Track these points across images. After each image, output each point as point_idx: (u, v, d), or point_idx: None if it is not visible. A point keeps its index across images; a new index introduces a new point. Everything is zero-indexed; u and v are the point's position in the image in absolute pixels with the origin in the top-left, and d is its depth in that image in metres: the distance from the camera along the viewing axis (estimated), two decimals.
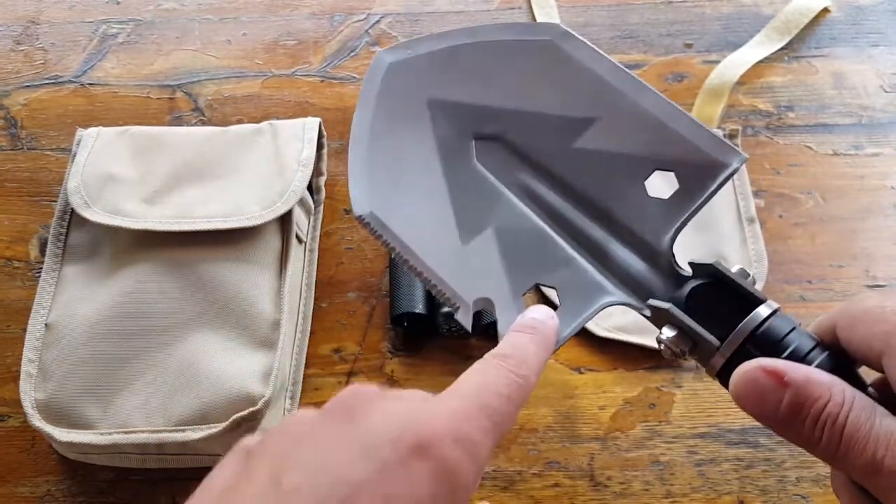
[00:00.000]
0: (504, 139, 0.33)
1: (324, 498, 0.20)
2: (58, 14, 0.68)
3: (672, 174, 0.30)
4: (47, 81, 0.64)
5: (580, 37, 0.32)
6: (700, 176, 0.29)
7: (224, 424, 0.43)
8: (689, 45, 0.65)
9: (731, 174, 0.29)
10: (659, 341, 0.28)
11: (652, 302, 0.29)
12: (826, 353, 0.26)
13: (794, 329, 0.27)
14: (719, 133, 0.58)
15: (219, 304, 0.48)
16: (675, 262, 0.30)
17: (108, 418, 0.45)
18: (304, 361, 0.51)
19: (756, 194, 0.56)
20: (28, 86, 0.64)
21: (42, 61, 0.66)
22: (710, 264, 0.28)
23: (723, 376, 0.28)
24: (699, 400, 0.49)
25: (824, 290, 0.53)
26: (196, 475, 0.46)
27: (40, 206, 0.58)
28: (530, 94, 0.32)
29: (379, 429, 0.22)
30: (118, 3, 0.69)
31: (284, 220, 0.51)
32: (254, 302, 0.48)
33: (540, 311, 0.29)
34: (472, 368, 0.26)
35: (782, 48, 0.64)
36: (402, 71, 0.35)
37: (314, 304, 0.53)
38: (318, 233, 0.55)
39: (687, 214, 0.29)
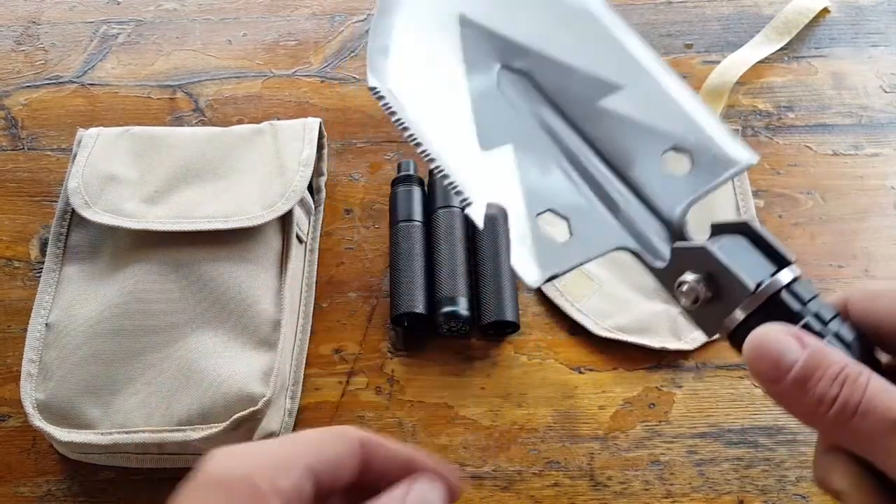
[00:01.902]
0: (531, 77, 0.33)
1: None
2: (58, 14, 0.69)
3: (687, 157, 0.30)
4: (48, 82, 0.64)
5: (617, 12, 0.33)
6: (712, 165, 0.30)
7: (225, 424, 0.43)
8: (689, 46, 0.65)
9: (741, 171, 0.30)
10: (680, 284, 0.27)
11: (680, 244, 0.28)
12: (847, 322, 0.26)
13: (816, 296, 0.26)
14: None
15: (219, 304, 0.48)
16: (688, 232, 0.29)
17: (109, 418, 0.45)
18: (304, 361, 0.51)
19: (756, 194, 0.56)
20: (29, 86, 0.64)
21: (43, 61, 0.66)
22: (744, 222, 0.28)
23: (735, 336, 0.27)
24: (699, 400, 0.49)
25: (824, 290, 0.52)
26: None
27: (41, 207, 0.58)
28: (565, 45, 0.32)
29: None
30: (119, 4, 0.69)
31: (285, 220, 0.51)
32: (254, 302, 0.48)
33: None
34: None
35: (782, 48, 0.64)
36: None
37: (314, 303, 0.53)
38: (318, 233, 0.56)
39: (697, 195, 0.30)
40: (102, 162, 0.52)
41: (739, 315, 0.26)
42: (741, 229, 0.28)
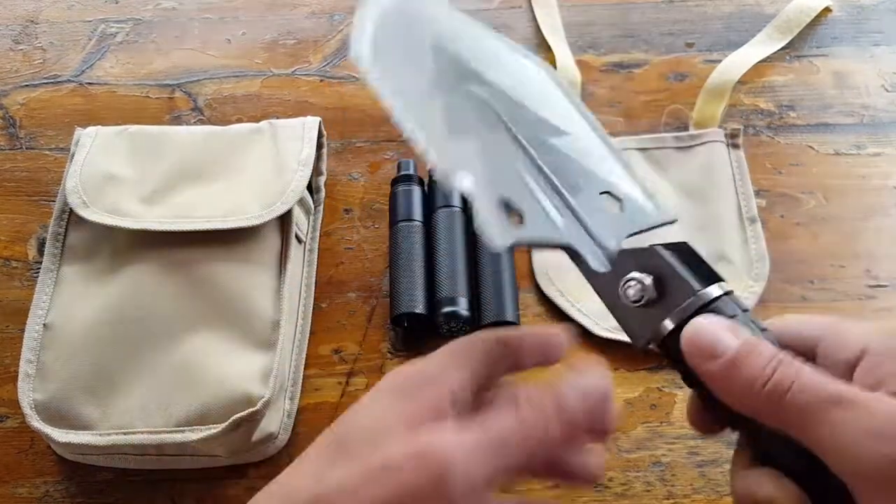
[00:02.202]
0: (490, 104, 0.35)
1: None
2: (57, 13, 0.68)
3: (620, 202, 0.33)
4: (46, 81, 0.64)
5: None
6: (638, 214, 0.33)
7: (223, 425, 0.43)
8: (690, 45, 0.65)
9: (657, 226, 0.32)
10: (629, 281, 0.29)
11: (629, 247, 0.30)
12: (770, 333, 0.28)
13: (747, 310, 0.28)
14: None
15: (218, 305, 0.47)
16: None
17: (107, 419, 0.44)
18: (303, 362, 0.50)
19: (757, 194, 0.56)
20: (27, 85, 0.64)
21: (41, 61, 0.65)
22: (684, 242, 0.30)
23: (668, 340, 0.28)
24: None
25: (826, 290, 0.53)
26: (195, 476, 0.46)
27: (39, 206, 0.57)
28: (522, 89, 0.36)
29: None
30: (117, 3, 0.69)
31: (284, 220, 0.51)
32: (253, 302, 0.48)
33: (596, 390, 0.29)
34: (506, 416, 0.27)
35: (784, 47, 0.64)
36: None
37: (314, 304, 0.53)
38: (317, 233, 0.55)
39: (628, 233, 0.32)
40: (100, 161, 0.52)
41: (678, 317, 0.28)
42: (680, 249, 0.30)
